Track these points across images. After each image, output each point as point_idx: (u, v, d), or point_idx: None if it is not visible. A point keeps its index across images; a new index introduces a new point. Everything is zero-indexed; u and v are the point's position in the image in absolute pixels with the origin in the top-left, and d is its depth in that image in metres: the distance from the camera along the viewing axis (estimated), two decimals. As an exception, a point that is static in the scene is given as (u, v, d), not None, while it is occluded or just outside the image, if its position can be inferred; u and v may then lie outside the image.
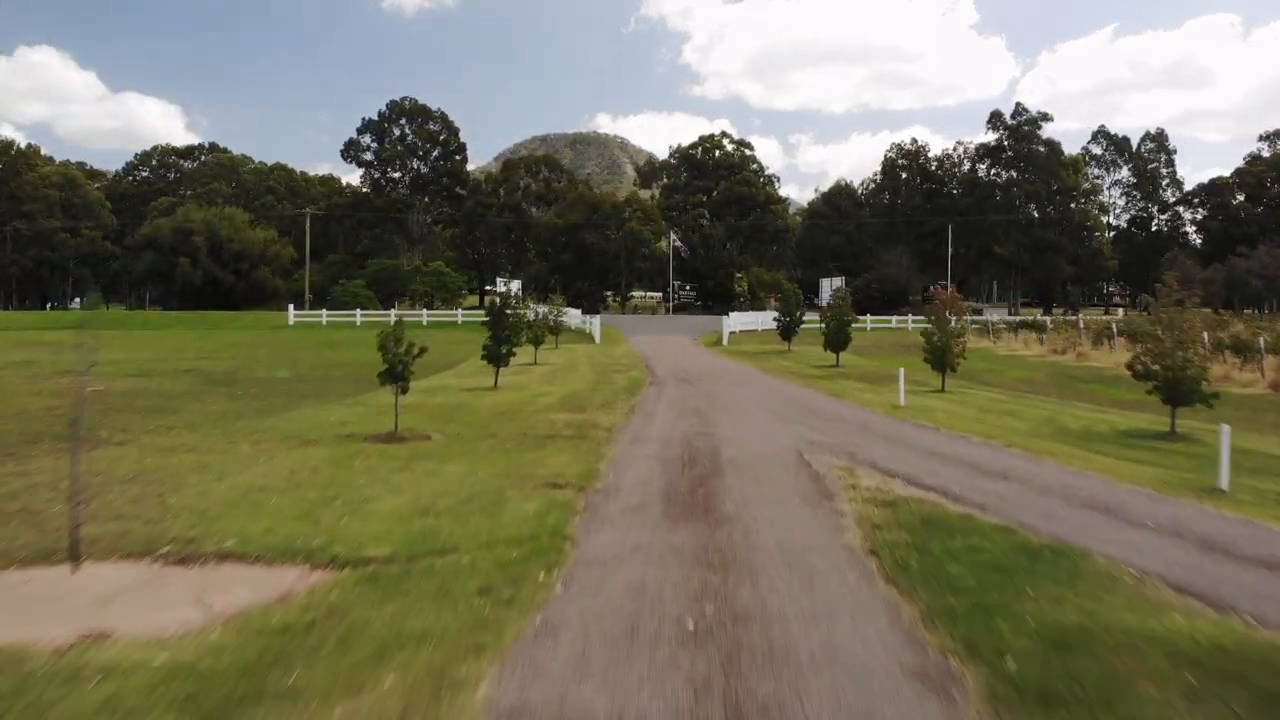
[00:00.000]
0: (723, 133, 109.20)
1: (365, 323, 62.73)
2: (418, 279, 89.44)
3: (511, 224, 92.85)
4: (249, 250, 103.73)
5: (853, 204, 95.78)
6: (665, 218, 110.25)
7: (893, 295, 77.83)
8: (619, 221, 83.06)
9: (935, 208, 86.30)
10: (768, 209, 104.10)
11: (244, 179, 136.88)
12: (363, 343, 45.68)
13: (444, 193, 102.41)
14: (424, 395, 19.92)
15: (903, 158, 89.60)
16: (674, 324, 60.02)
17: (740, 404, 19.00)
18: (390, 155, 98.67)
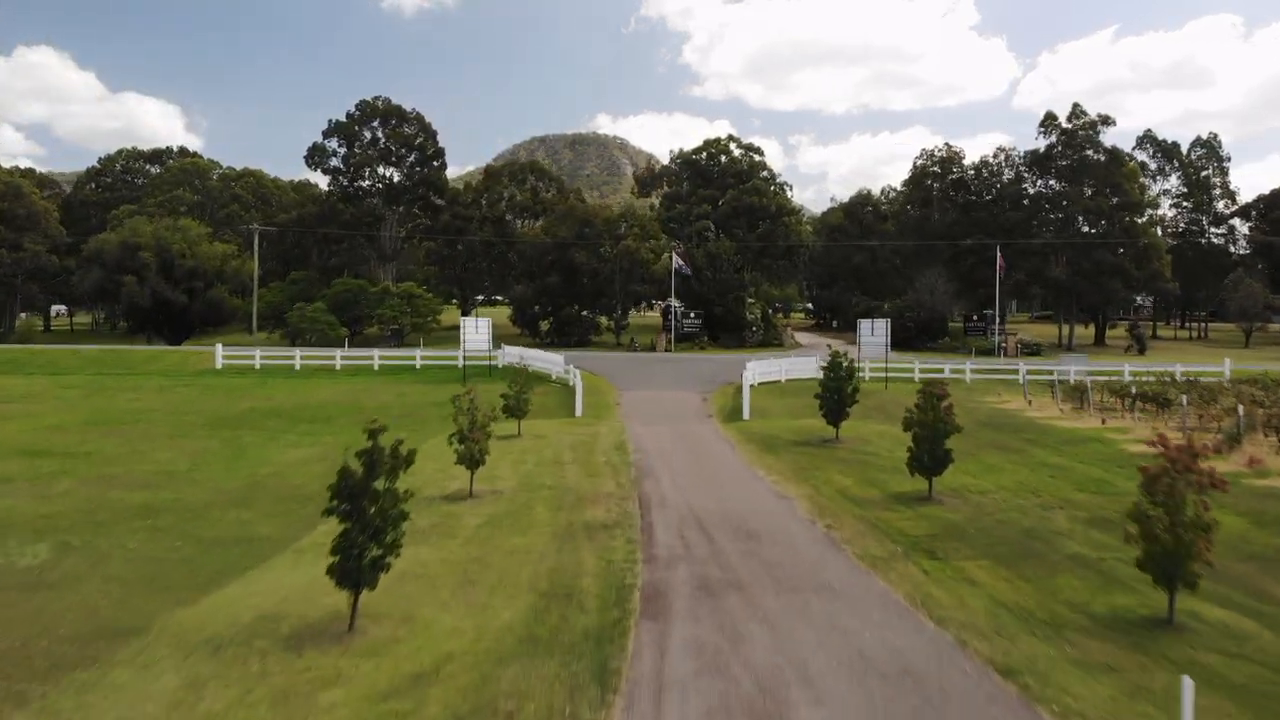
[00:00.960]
0: (729, 136, 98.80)
1: (306, 367, 52.32)
2: (386, 301, 79.00)
3: (493, 239, 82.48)
4: (204, 267, 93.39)
5: (875, 217, 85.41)
6: (665, 229, 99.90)
7: (929, 324, 67.44)
8: (613, 237, 72.61)
9: (973, 222, 75.84)
10: (779, 220, 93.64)
11: (209, 186, 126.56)
12: (299, 410, 33.57)
13: (420, 203, 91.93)
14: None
15: (935, 165, 79.27)
16: (676, 371, 49.60)
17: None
18: (360, 161, 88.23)
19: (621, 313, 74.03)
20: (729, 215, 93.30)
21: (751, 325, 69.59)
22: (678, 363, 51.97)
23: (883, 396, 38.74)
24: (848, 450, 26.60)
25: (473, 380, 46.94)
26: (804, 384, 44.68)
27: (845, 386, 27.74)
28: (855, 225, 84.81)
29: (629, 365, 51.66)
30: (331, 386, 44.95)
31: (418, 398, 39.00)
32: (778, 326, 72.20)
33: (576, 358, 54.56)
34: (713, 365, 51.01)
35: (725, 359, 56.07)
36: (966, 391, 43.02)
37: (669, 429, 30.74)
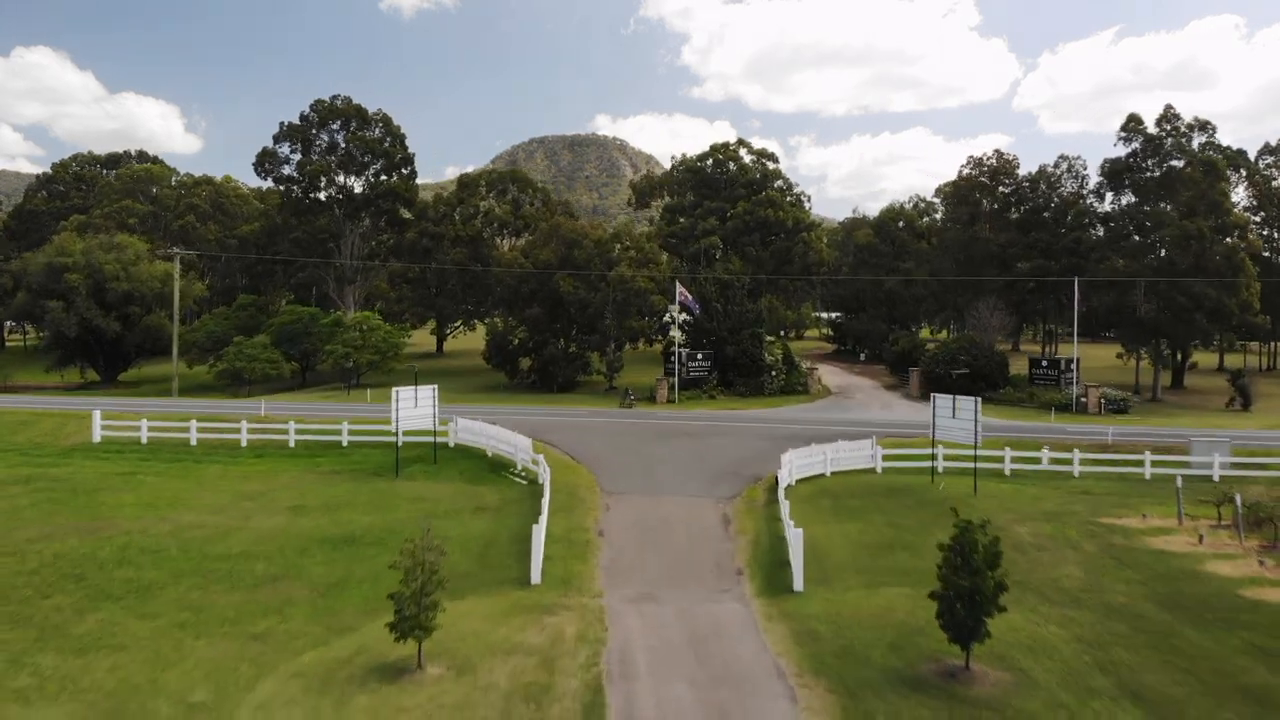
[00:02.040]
0: (739, 140, 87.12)
1: (205, 442, 40.55)
2: (339, 335, 67.25)
3: (465, 262, 70.76)
4: (141, 290, 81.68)
5: (910, 234, 73.73)
6: (665, 245, 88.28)
7: (986, 369, 55.64)
8: (605, 262, 60.86)
9: (1031, 244, 64.13)
10: (797, 236, 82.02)
11: (162, 195, 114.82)
12: (120, 563, 22.81)
13: (386, 217, 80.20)
14: None
15: (983, 175, 67.58)
16: (684, 453, 37.77)
17: None
18: (315, 169, 76.44)
19: (616, 349, 62.24)
20: (740, 230, 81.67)
21: (771, 369, 57.82)
22: (685, 436, 40.17)
23: (979, 509, 26.94)
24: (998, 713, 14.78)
25: (412, 469, 35.35)
26: (858, 480, 32.98)
27: (985, 583, 15.92)
28: (887, 244, 73.15)
29: (621, 437, 39.88)
30: (215, 485, 33.24)
31: (314, 527, 27.23)
32: (801, 368, 60.45)
33: (555, 423, 42.76)
34: (730, 440, 39.19)
35: (744, 424, 44.33)
36: (1082, 499, 31.22)
37: (677, 621, 19.01)
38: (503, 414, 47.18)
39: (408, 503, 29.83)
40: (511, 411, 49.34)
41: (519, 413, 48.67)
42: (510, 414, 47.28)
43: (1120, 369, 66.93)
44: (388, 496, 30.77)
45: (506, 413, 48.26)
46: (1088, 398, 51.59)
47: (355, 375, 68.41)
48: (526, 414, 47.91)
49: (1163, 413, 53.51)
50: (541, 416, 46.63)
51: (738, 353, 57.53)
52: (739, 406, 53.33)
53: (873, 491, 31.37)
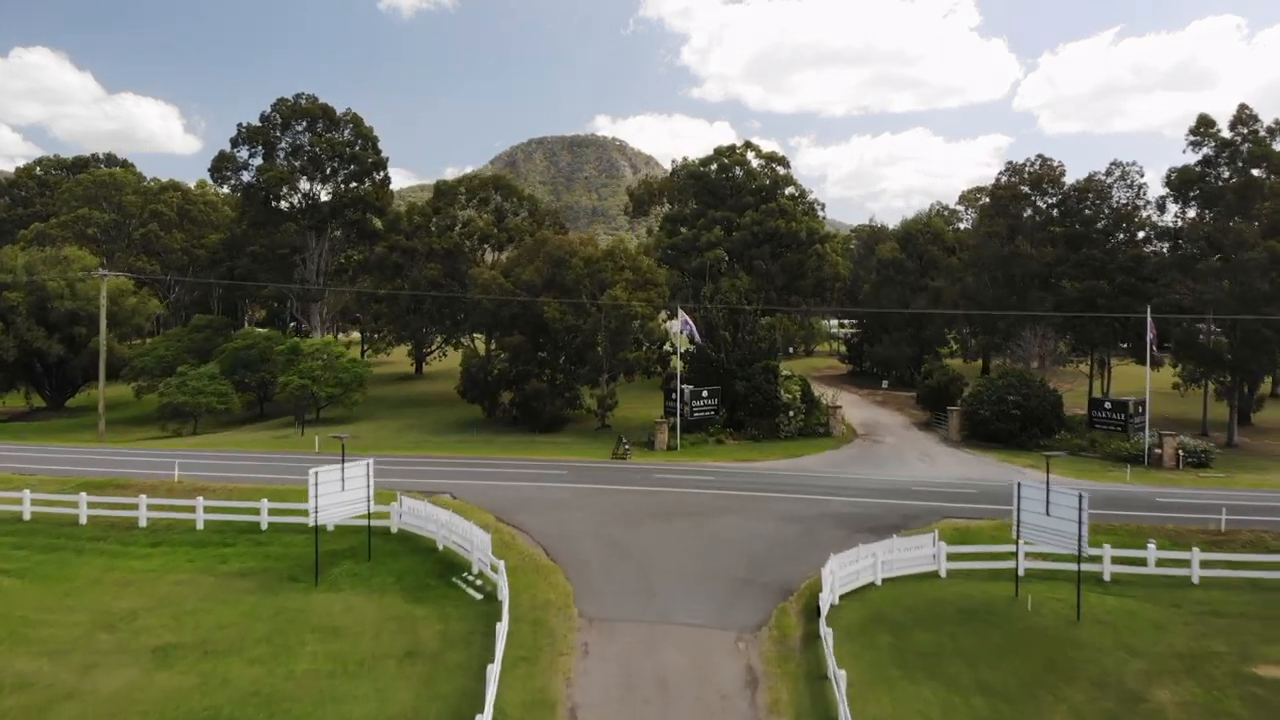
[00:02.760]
0: (746, 143, 79.34)
1: (98, 520, 32.75)
2: (296, 364, 59.47)
3: (441, 280, 62.87)
4: (89, 309, 73.97)
5: (940, 248, 65.87)
6: (665, 258, 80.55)
7: (1038, 411, 47.87)
8: (596, 283, 53.13)
9: (1081, 262, 56.37)
10: (810, 249, 74.24)
11: (126, 202, 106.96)
12: None
13: (355, 228, 72.43)
14: None
15: (1024, 184, 59.73)
16: (691, 542, 29.87)
17: None
18: (276, 176, 68.64)
19: (609, 380, 54.44)
20: (748, 243, 73.93)
21: (788, 408, 49.99)
22: (689, 516, 32.14)
23: (1089, 645, 19.05)
24: None
25: (339, 571, 27.47)
26: (920, 593, 25.16)
27: None
28: (913, 258, 65.31)
29: (609, 517, 31.94)
30: (83, 596, 25.45)
31: (173, 690, 19.44)
32: (822, 404, 52.57)
33: (529, 494, 34.37)
34: (746, 520, 31.23)
35: (761, 489, 36.41)
36: (1217, 627, 23.42)
37: None
38: (470, 471, 39.34)
39: (316, 639, 22.00)
40: (482, 465, 41.50)
41: (491, 467, 40.81)
42: (480, 470, 39.40)
43: (1176, 400, 59.13)
44: (293, 626, 22.92)
45: (475, 468, 40.41)
46: (1162, 448, 43.77)
47: (315, 409, 60.63)
48: (500, 469, 40.04)
49: (1249, 464, 45.68)
50: (516, 474, 38.77)
51: (749, 389, 49.71)
52: (752, 455, 45.49)
53: (942, 615, 23.55)
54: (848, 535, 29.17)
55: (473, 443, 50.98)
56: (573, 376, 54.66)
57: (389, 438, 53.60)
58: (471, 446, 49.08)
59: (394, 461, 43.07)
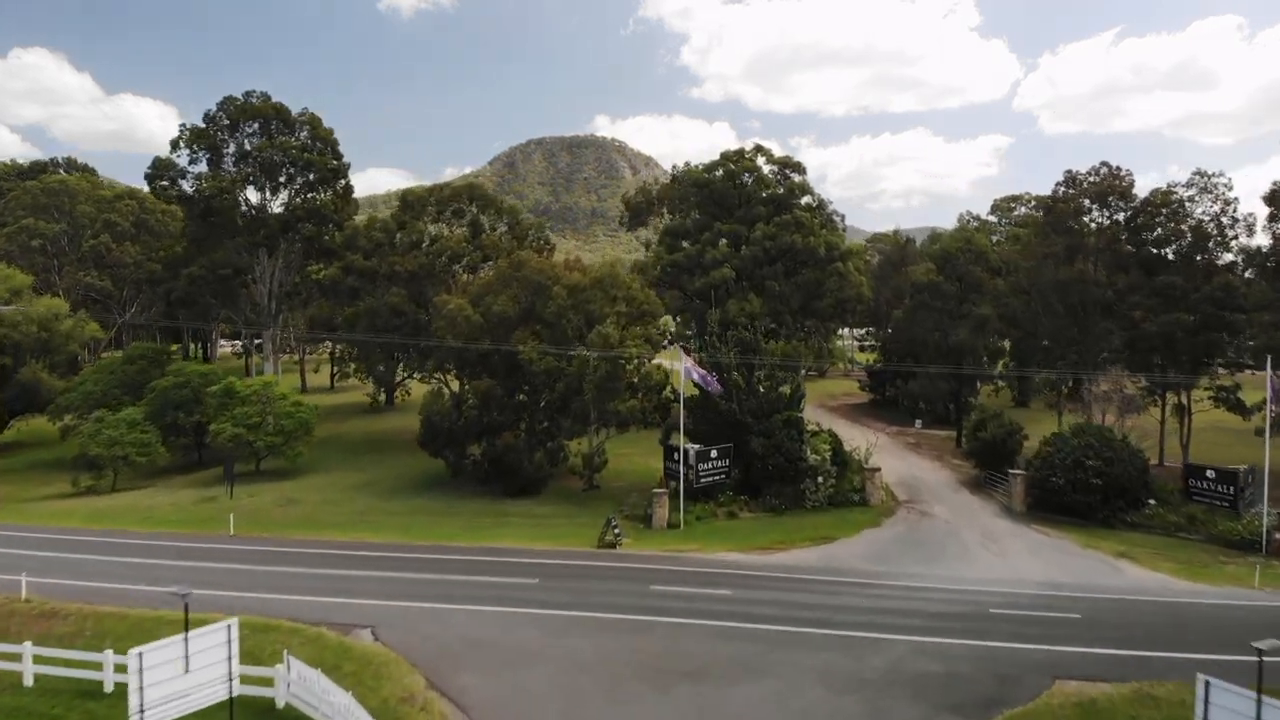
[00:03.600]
0: (756, 146, 70.35)
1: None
2: (230, 407, 50.56)
3: (403, 308, 53.86)
4: (14, 336, 65.34)
5: (983, 268, 56.84)
6: (664, 275, 71.64)
7: (1123, 479, 38.93)
8: (583, 315, 44.21)
9: (1157, 291, 47.50)
10: (830, 267, 65.24)
11: (78, 212, 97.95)
12: None
13: (310, 245, 63.48)
14: None
15: (1087, 197, 50.67)
16: (699, 714, 20.89)
17: None
18: (217, 186, 59.71)
19: (599, 429, 45.49)
20: (759, 260, 64.88)
21: (815, 472, 41.02)
22: (699, 680, 22.99)
23: None
24: None
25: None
26: None
27: None
28: (952, 281, 56.31)
29: (587, 664, 22.92)
30: None
31: None
32: (853, 463, 43.53)
33: (490, 604, 24.89)
34: (782, 691, 22.16)
35: (793, 618, 27.35)
36: None
37: None
38: (412, 580, 30.24)
39: None
40: (430, 564, 32.42)
41: (441, 569, 31.73)
42: (425, 578, 30.25)
43: (1256, 447, 50.15)
44: None
45: (421, 571, 31.28)
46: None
47: (255, 461, 51.75)
48: (452, 576, 30.95)
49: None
50: (472, 586, 29.69)
51: (768, 449, 40.74)
52: (773, 538, 36.43)
53: None
54: (929, 716, 20.25)
55: (431, 512, 42.02)
56: (555, 427, 45.67)
57: (332, 503, 44.65)
58: (427, 522, 40.08)
59: (319, 554, 34.14)
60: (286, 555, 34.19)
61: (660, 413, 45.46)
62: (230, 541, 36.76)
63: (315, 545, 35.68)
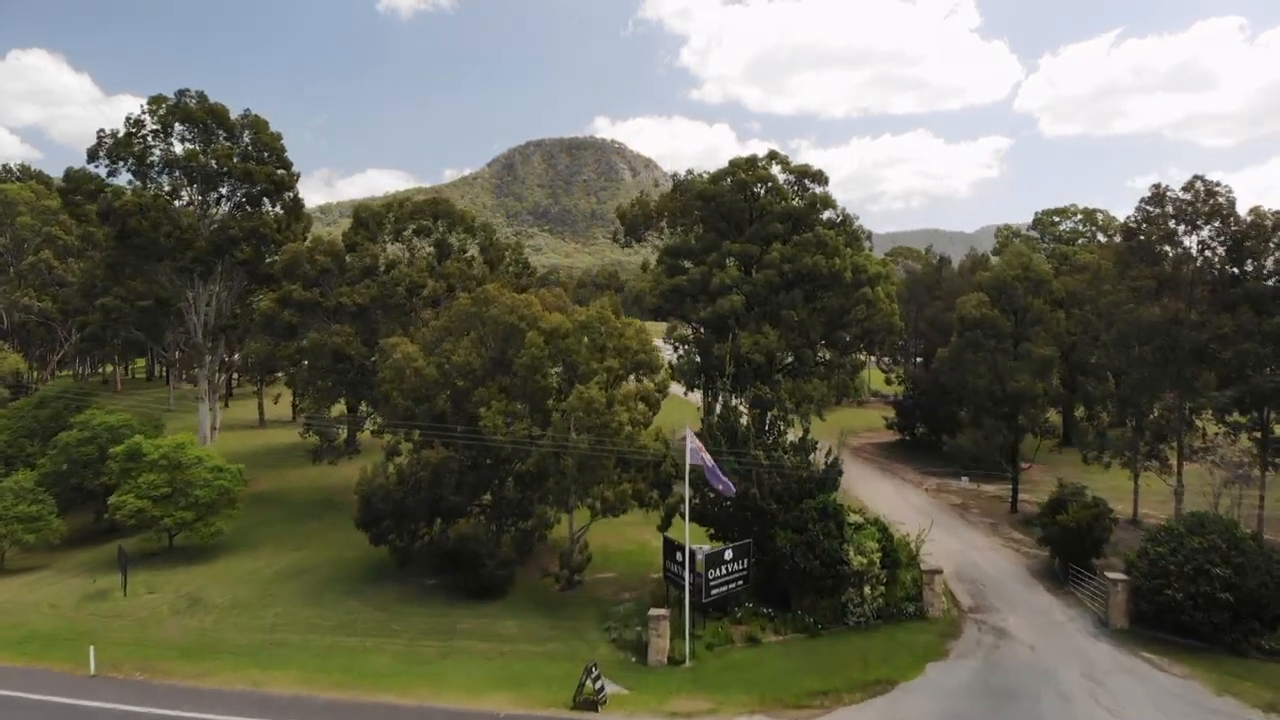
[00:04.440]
0: (770, 153, 61.17)
1: None
2: (136, 474, 41.35)
3: (346, 350, 44.63)
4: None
5: (1046, 299, 47.56)
6: (665, 303, 62.53)
7: (1259, 594, 29.74)
8: (568, 369, 35.04)
9: (1270, 336, 38.26)
10: (857, 293, 56.06)
11: (19, 224, 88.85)
12: None
13: (251, 269, 54.30)
14: None
15: (1178, 218, 41.43)
16: None
17: None
18: (135, 204, 50.55)
19: (578, 525, 36.18)
20: (774, 285, 55.68)
21: (861, 578, 31.72)
22: None
23: None
24: None
25: None
26: None
27: None
28: (1008, 315, 47.01)
29: None
30: None
31: None
32: (904, 560, 34.18)
33: None
34: None
35: None
36: None
37: None
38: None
39: None
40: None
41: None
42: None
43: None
44: None
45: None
46: None
47: (168, 539, 42.54)
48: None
49: None
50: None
51: (798, 547, 31.53)
52: (811, 688, 27.13)
53: None
54: None
55: (363, 628, 32.77)
56: (525, 506, 36.33)
57: (242, 607, 35.37)
58: (352, 650, 30.82)
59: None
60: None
61: (660, 485, 36.19)
62: (81, 687, 27.55)
63: (186, 701, 26.42)
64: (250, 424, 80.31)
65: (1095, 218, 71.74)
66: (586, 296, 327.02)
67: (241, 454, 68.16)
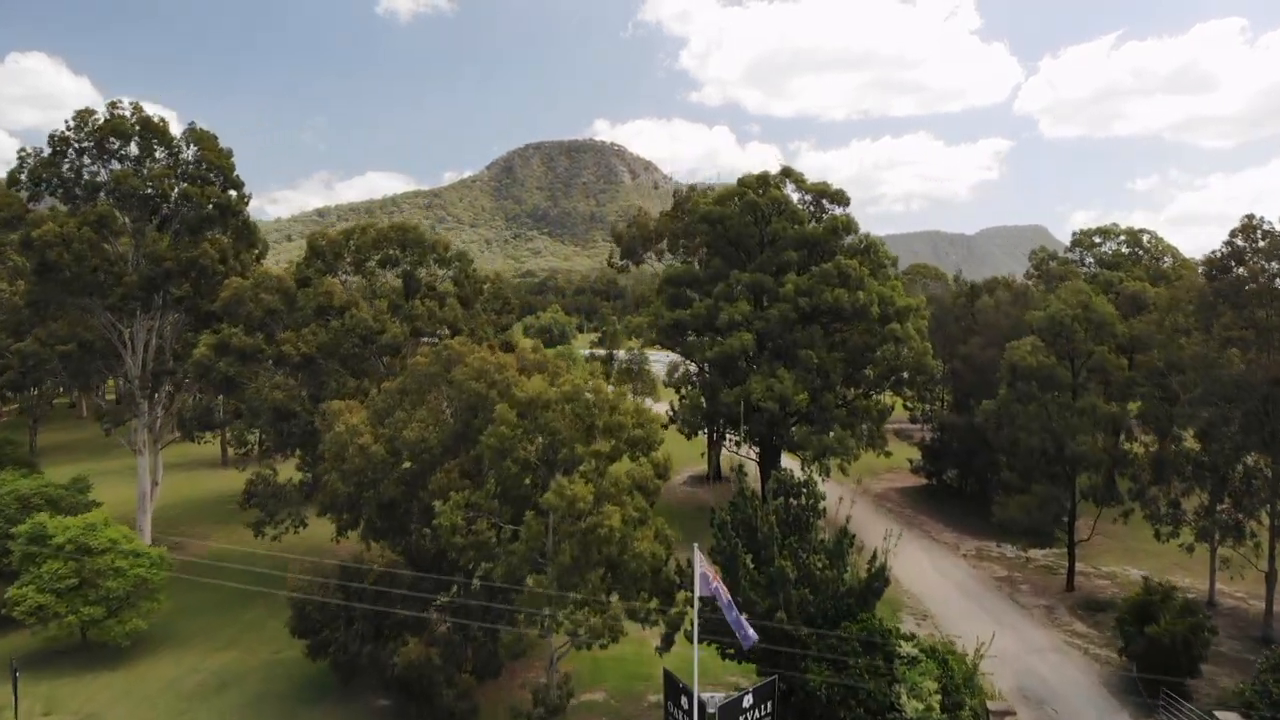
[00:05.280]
0: (784, 170, 54.54)
1: None
2: (38, 563, 34.61)
3: (290, 407, 37.93)
4: None
5: (1110, 345, 40.77)
6: (665, 338, 56.22)
7: None
8: (550, 449, 28.17)
9: None
10: (884, 329, 49.36)
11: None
12: None
13: (185, 304, 47.58)
14: None
15: (1269, 253, 34.58)
16: None
17: None
18: (56, 234, 43.80)
19: (557, 654, 29.18)
20: (790, 321, 48.99)
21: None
22: None
23: None
24: None
25: None
26: None
27: None
28: (1065, 363, 40.22)
29: None
30: None
31: None
32: (966, 699, 27.51)
33: None
34: None
35: None
36: None
37: None
38: None
39: None
40: None
41: None
42: None
43: None
44: None
45: None
46: None
47: (79, 631, 35.80)
48: None
49: None
50: None
51: (836, 690, 24.77)
52: None
53: None
54: None
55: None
56: (492, 620, 29.44)
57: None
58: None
59: None
60: None
61: (660, 596, 29.41)
62: None
63: None
64: (211, 462, 73.60)
65: (1141, 239, 65.04)
66: (585, 304, 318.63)
67: (188, 506, 61.17)
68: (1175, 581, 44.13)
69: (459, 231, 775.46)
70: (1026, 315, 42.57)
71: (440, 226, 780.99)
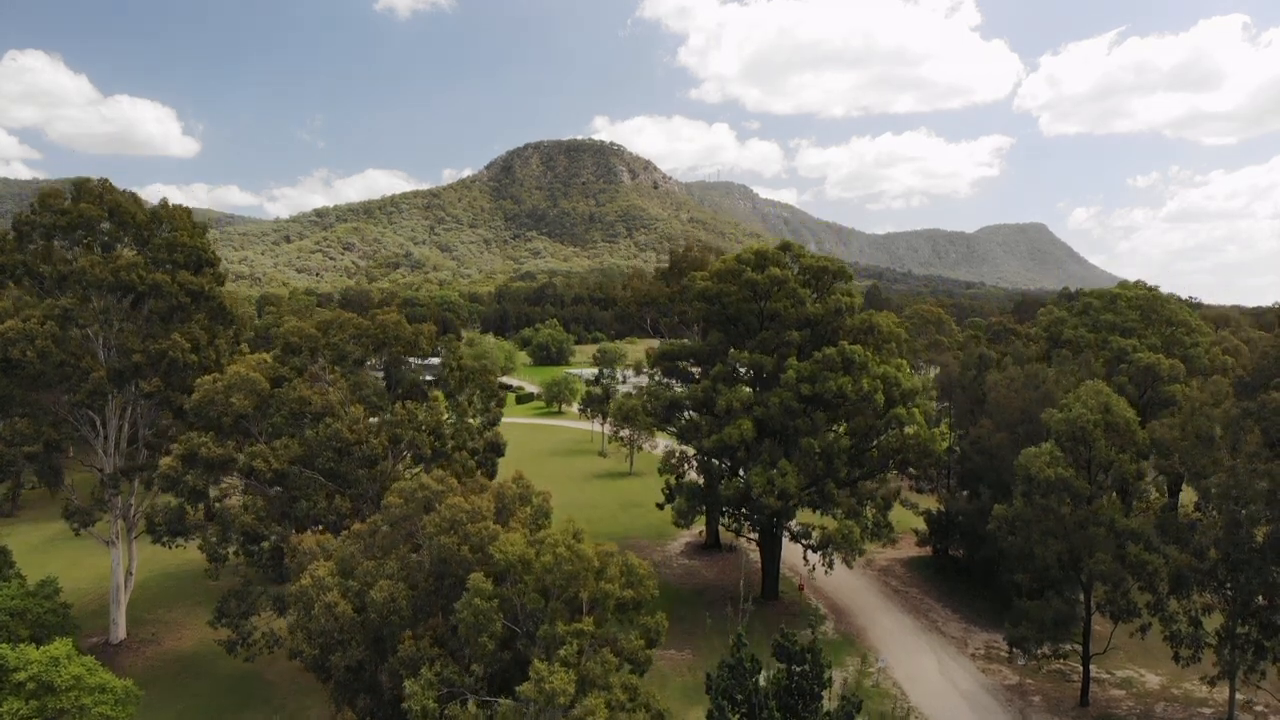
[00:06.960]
0: (784, 245, 52.32)
1: None
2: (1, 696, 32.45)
3: (260, 531, 35.66)
4: None
5: (1131, 452, 38.45)
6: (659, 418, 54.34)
7: None
8: (527, 622, 26.08)
9: None
10: (889, 414, 47.13)
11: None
12: None
13: (155, 399, 45.36)
14: None
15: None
16: None
17: None
18: (20, 330, 41.63)
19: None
20: (792, 410, 46.70)
21: None
22: None
23: None
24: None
25: None
26: None
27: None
28: (1083, 473, 37.85)
29: None
30: None
31: None
32: None
33: None
34: None
35: None
36: None
37: None
38: None
39: None
40: None
41: None
42: None
43: None
44: None
45: None
46: None
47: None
48: None
49: None
50: None
51: None
52: None
53: None
54: None
55: None
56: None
57: None
58: None
59: None
60: None
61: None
62: None
63: None
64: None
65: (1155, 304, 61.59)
66: (584, 315, 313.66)
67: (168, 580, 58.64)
68: (1192, 690, 42.11)
69: (459, 232, 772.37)
70: (1044, 415, 40.25)
71: (440, 227, 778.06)
